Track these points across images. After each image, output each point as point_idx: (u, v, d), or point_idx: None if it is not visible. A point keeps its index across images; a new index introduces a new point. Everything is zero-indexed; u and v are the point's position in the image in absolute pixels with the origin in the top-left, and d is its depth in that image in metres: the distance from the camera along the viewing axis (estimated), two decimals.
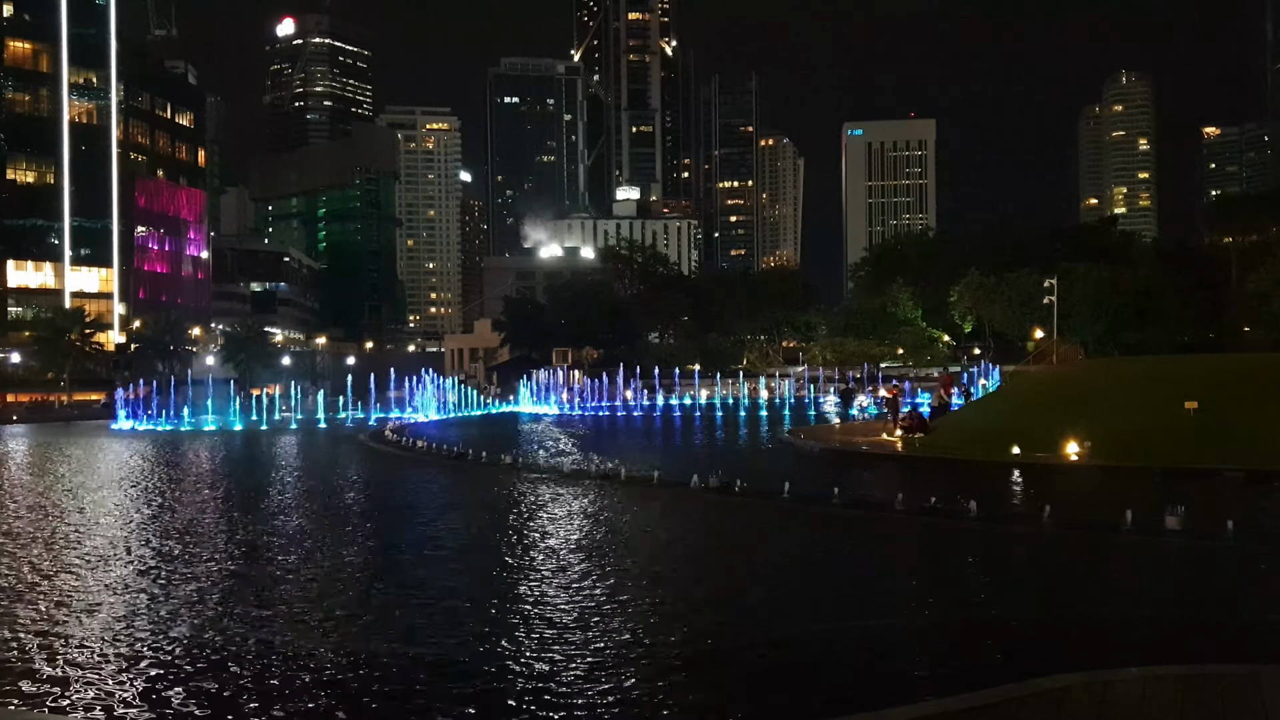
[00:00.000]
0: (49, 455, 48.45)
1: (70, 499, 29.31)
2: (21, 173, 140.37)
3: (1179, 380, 36.71)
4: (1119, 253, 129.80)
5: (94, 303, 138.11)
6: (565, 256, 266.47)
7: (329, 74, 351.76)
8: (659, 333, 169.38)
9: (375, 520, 24.60)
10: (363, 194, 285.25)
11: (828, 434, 50.29)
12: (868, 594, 16.10)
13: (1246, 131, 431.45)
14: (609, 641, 12.71)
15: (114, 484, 34.17)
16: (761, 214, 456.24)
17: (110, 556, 19.48)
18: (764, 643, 12.83)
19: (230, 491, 32.04)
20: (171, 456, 46.25)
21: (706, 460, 34.85)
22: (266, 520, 24.61)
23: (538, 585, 16.18)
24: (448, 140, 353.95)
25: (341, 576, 17.47)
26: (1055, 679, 9.91)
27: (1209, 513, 21.26)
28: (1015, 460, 32.84)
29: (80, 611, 14.67)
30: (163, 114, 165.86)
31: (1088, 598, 15.57)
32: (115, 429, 71.38)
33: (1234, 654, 11.53)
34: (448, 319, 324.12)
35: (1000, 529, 21.80)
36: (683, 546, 20.60)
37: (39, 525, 23.76)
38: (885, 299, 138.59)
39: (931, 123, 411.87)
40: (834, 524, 23.07)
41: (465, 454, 40.45)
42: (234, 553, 19.95)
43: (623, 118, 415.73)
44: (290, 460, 45.48)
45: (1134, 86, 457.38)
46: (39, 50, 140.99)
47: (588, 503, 26.79)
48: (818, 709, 10.12)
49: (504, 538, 21.02)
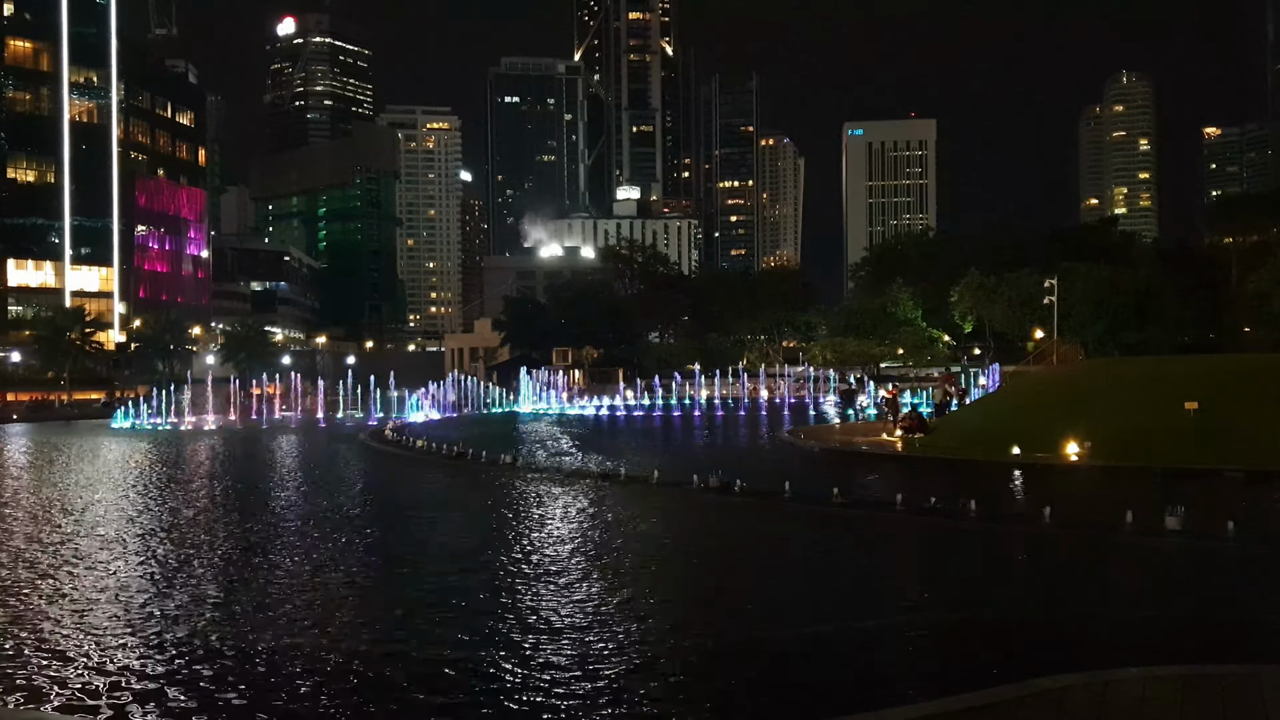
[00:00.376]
0: (48, 453, 48.48)
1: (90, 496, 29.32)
2: (22, 171, 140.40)
3: (1179, 381, 36.68)
4: (1119, 253, 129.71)
5: (94, 302, 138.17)
6: (565, 256, 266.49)
7: (329, 73, 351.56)
8: (659, 332, 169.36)
9: (380, 518, 24.61)
10: (363, 193, 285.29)
11: (828, 434, 50.29)
12: (867, 594, 16.08)
13: (1247, 132, 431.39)
14: (608, 640, 12.71)
15: (110, 484, 34.18)
16: (762, 214, 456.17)
17: (114, 554, 19.50)
18: (761, 644, 12.82)
19: (232, 488, 32.05)
20: (171, 455, 46.25)
21: (706, 460, 34.83)
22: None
23: (534, 586, 16.18)
24: (448, 140, 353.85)
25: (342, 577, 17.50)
26: (1055, 679, 9.90)
27: (1209, 513, 21.28)
28: (1015, 460, 32.83)
29: (139, 617, 14.70)
30: (163, 113, 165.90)
31: (1088, 598, 15.57)
32: (115, 428, 71.40)
33: (1234, 654, 11.52)
34: (448, 318, 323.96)
35: (1000, 529, 21.80)
36: (680, 547, 20.58)
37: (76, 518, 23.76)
38: (885, 299, 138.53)
39: (932, 123, 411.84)
40: (834, 524, 23.06)
41: (465, 454, 40.45)
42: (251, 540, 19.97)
43: (623, 117, 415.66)
44: (295, 460, 45.50)
45: (1135, 87, 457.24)
46: (39, 49, 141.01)
47: (586, 503, 26.78)
48: (815, 710, 10.10)
49: (503, 537, 21.02)
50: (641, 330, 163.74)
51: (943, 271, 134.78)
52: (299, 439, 58.98)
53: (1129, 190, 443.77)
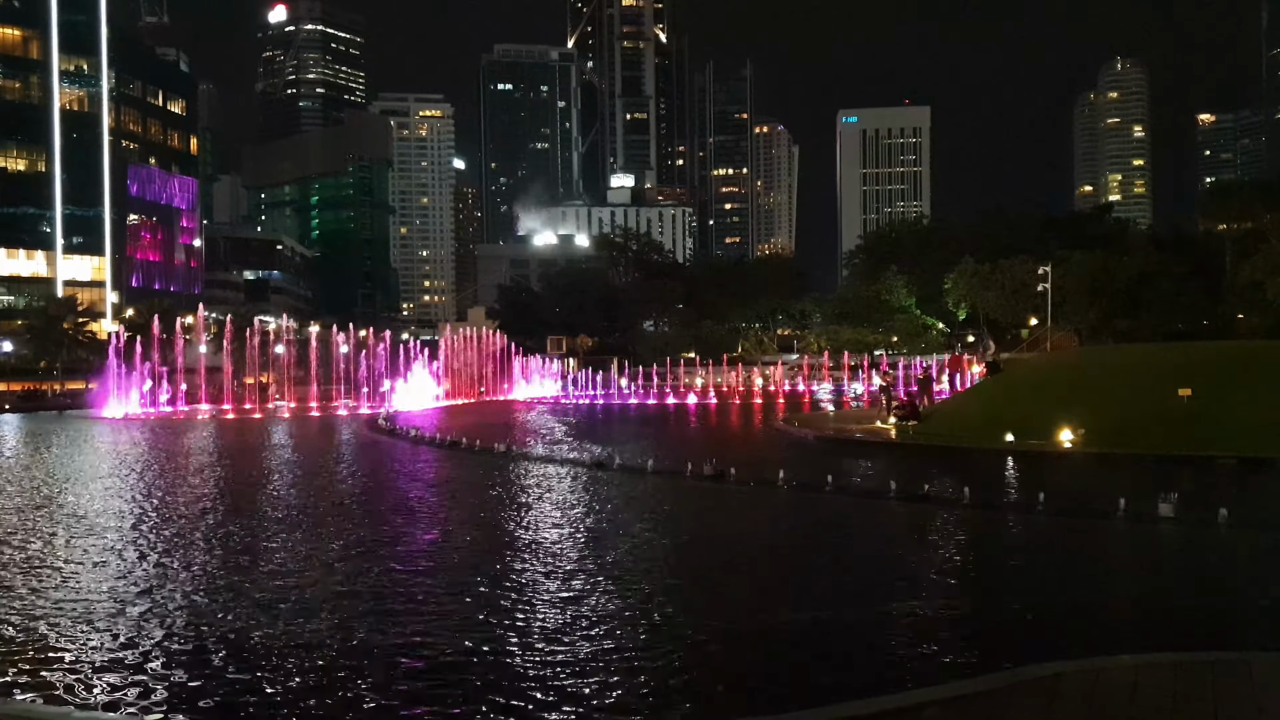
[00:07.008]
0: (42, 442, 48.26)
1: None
2: (12, 160, 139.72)
3: (1173, 368, 36.72)
4: (1114, 240, 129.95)
5: (86, 291, 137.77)
6: (560, 244, 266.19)
7: (321, 61, 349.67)
8: (654, 320, 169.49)
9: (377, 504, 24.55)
10: (356, 181, 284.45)
11: (822, 422, 50.33)
12: (859, 581, 16.05)
13: (1241, 118, 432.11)
14: (600, 620, 12.69)
15: (104, 475, 34.03)
16: (756, 201, 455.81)
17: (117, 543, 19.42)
18: (750, 631, 12.80)
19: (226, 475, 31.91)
20: (167, 444, 46.07)
21: (700, 448, 34.81)
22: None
23: (531, 572, 16.14)
24: (441, 127, 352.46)
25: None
26: (1048, 666, 9.88)
27: (1202, 499, 21.31)
28: (1009, 447, 32.88)
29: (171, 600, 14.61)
30: (154, 101, 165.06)
31: (1080, 584, 15.56)
32: (106, 416, 71.03)
33: (1226, 640, 11.52)
34: (441, 307, 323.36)
35: (993, 516, 21.80)
36: (674, 535, 20.54)
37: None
38: (880, 286, 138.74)
39: (926, 110, 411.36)
40: (827, 511, 23.04)
41: (459, 441, 40.41)
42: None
43: (617, 104, 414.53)
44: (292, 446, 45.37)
45: (1129, 73, 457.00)
46: (29, 37, 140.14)
47: (583, 490, 26.73)
48: (804, 697, 10.07)
49: (501, 525, 20.98)
50: (636, 318, 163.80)
51: (937, 259, 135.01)
52: (299, 430, 58.83)
53: (1123, 177, 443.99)
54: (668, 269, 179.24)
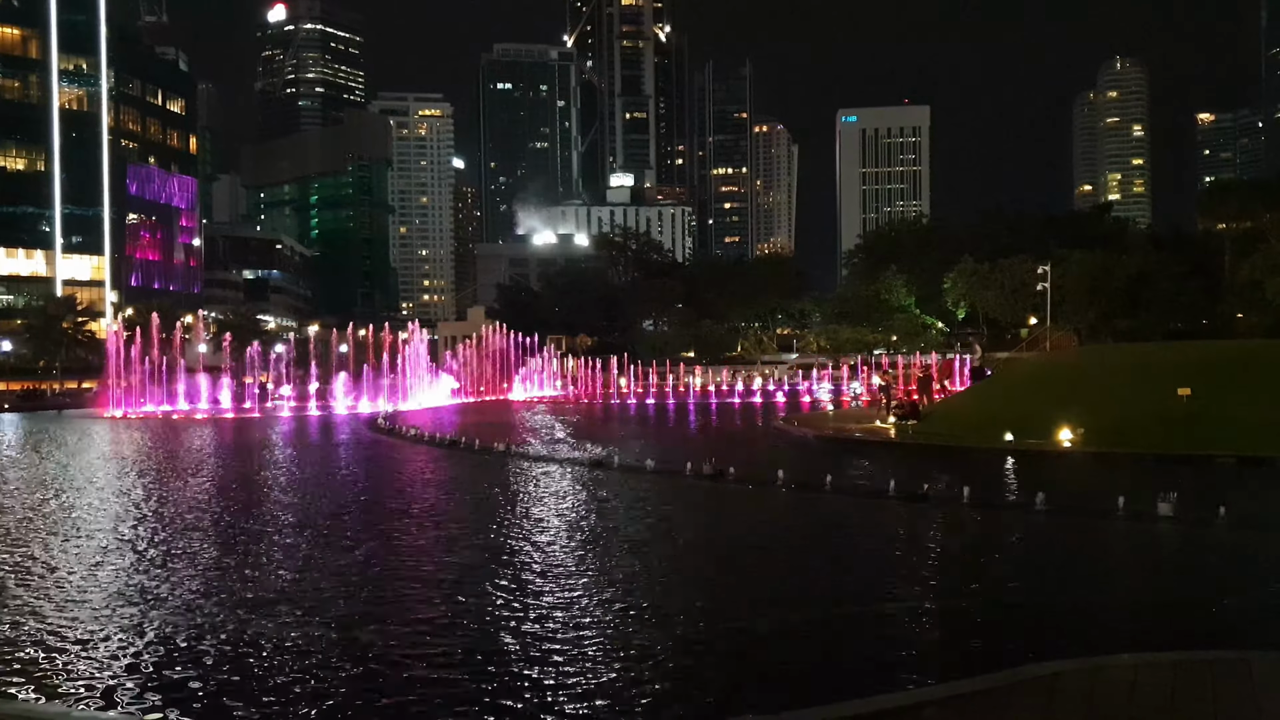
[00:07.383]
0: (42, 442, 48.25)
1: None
2: (11, 160, 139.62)
3: (1172, 367, 36.72)
4: (1113, 239, 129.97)
5: (85, 290, 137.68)
6: (559, 243, 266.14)
7: (321, 60, 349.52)
8: (653, 320, 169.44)
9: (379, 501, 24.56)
10: (355, 181, 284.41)
11: (821, 421, 50.33)
12: (859, 579, 16.06)
13: (1240, 117, 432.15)
14: (599, 621, 12.69)
15: (112, 475, 34.05)
16: (755, 201, 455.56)
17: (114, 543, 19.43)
18: (749, 630, 12.79)
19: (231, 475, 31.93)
20: (166, 445, 46.06)
21: (700, 447, 34.83)
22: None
23: (531, 567, 16.15)
24: (440, 126, 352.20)
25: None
26: (1047, 665, 9.89)
27: (1201, 498, 21.31)
28: (1008, 447, 32.88)
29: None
30: (154, 100, 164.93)
31: (1079, 583, 15.57)
32: (105, 416, 71.04)
33: (1225, 639, 11.53)
34: (441, 306, 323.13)
35: (993, 515, 21.80)
36: (673, 534, 20.54)
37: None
38: (879, 286, 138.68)
39: (926, 109, 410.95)
40: (826, 510, 23.05)
41: (458, 441, 40.42)
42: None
43: (616, 104, 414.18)
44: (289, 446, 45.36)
45: (1129, 73, 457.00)
46: (28, 36, 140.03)
47: (583, 489, 26.73)
48: (806, 696, 10.07)
49: (500, 524, 20.99)
50: (636, 318, 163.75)
51: (936, 258, 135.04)
52: (299, 430, 58.80)
53: (1123, 176, 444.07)
54: (667, 268, 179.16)
